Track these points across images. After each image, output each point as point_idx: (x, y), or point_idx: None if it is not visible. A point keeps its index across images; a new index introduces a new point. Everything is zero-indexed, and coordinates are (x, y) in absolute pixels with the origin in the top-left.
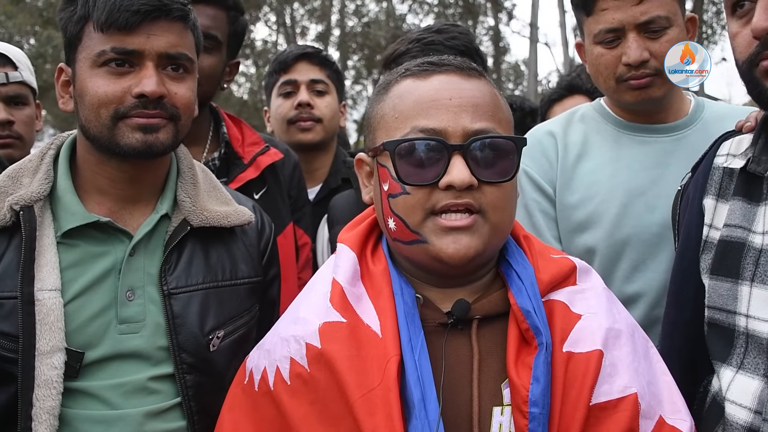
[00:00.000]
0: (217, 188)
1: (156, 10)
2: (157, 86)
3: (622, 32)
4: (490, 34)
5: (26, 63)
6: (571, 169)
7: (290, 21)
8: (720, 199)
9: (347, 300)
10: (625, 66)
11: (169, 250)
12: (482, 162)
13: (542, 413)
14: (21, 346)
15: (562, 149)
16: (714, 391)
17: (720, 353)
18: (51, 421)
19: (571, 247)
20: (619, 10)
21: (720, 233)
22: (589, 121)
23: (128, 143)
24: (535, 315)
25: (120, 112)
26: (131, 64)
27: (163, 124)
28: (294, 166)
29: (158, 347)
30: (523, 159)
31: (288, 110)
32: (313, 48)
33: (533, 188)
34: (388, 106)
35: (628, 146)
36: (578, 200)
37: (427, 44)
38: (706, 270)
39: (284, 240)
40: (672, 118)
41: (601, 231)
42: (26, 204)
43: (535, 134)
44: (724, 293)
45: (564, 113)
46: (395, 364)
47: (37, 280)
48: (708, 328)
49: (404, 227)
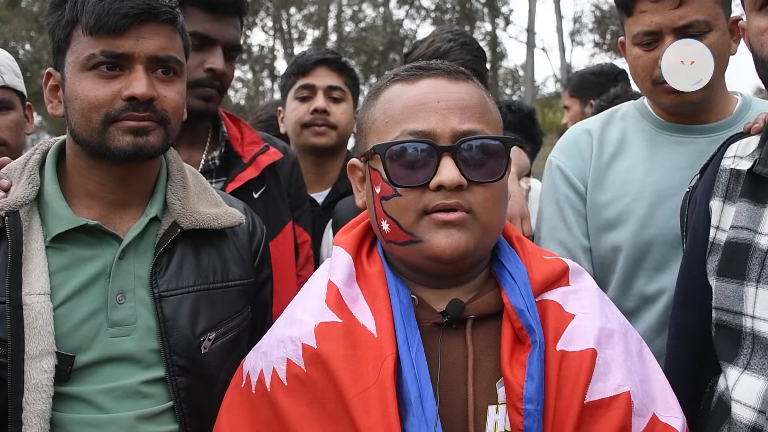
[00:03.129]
0: (207, 190)
1: (145, 13)
2: (147, 89)
3: (660, 35)
4: (487, 39)
5: (11, 66)
6: (604, 167)
7: (287, 26)
8: (727, 200)
9: (343, 301)
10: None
11: (159, 253)
12: (471, 162)
13: (537, 410)
14: (10, 350)
15: (597, 147)
16: (720, 390)
17: (727, 354)
18: (42, 425)
19: (598, 244)
20: (657, 13)
21: (727, 235)
22: (630, 119)
23: (119, 146)
24: (529, 314)
25: (110, 115)
26: (121, 67)
27: (153, 127)
28: (293, 164)
29: (149, 350)
30: (559, 155)
31: (303, 114)
32: (333, 54)
33: (566, 184)
34: (378, 110)
35: (664, 146)
36: (609, 199)
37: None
38: (713, 271)
39: (283, 238)
40: (714, 118)
41: (628, 230)
42: (11, 209)
43: (573, 131)
44: (730, 294)
45: (607, 111)
46: (391, 363)
47: (25, 284)
48: (715, 329)
49: (398, 228)
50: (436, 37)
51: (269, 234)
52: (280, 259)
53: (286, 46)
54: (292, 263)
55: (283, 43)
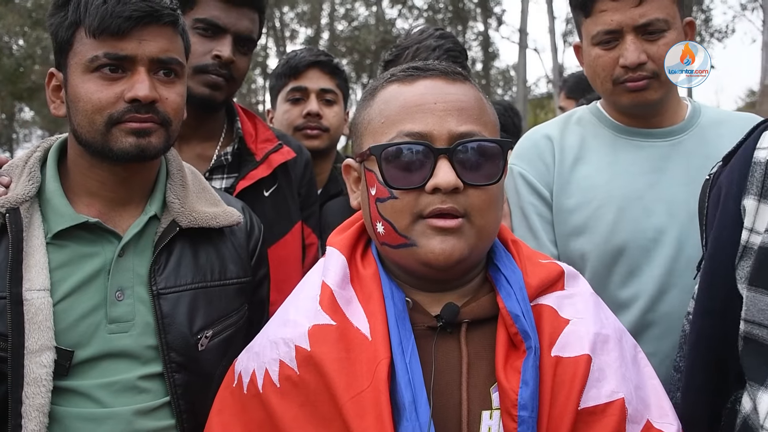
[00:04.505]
0: (205, 189)
1: (147, 16)
2: (150, 91)
3: (620, 34)
4: (480, 39)
5: None
6: (568, 172)
7: (279, 24)
8: (763, 199)
9: (337, 303)
10: (622, 68)
11: (158, 251)
12: (468, 165)
13: (531, 417)
14: (10, 344)
15: (558, 152)
16: (745, 412)
17: (756, 373)
18: (41, 419)
19: (567, 250)
20: (617, 12)
21: (762, 238)
22: (586, 124)
23: (121, 148)
24: (524, 319)
25: (114, 117)
26: (123, 69)
27: (155, 128)
28: (305, 164)
29: (147, 346)
30: (519, 162)
31: (296, 117)
32: (326, 55)
33: (530, 191)
34: (374, 111)
35: (625, 150)
36: (575, 204)
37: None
38: (744, 279)
39: (291, 238)
40: (668, 122)
41: (597, 236)
42: (12, 206)
43: (531, 137)
44: (764, 307)
45: (561, 116)
46: (385, 367)
47: (26, 280)
48: (744, 343)
49: (392, 231)
50: (419, 45)
51: (278, 233)
52: (287, 258)
53: (278, 44)
54: (298, 263)
55: (275, 41)
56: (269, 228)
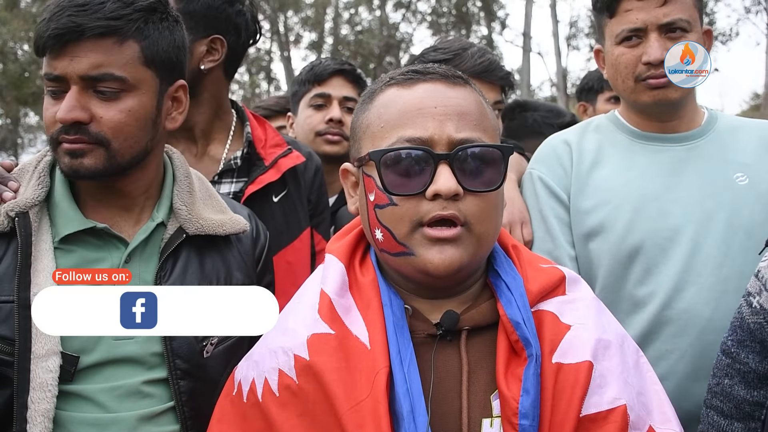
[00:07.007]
0: (212, 196)
1: (69, 32)
2: (67, 113)
3: (644, 32)
4: (483, 43)
5: None
6: (585, 175)
7: (284, 29)
8: None
9: (336, 311)
10: (644, 65)
11: (164, 257)
12: (468, 171)
13: (532, 425)
14: (17, 349)
15: (576, 157)
16: None
17: None
18: (45, 424)
19: (584, 251)
20: (642, 11)
21: None
22: (604, 131)
23: (62, 167)
24: (525, 326)
25: (53, 138)
26: (64, 89)
27: (89, 149)
28: (316, 170)
29: (152, 353)
30: (538, 166)
31: (318, 123)
32: (350, 65)
33: (548, 195)
34: (373, 115)
35: (642, 155)
36: (592, 206)
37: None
38: None
39: (300, 244)
40: (685, 127)
41: (614, 235)
42: (21, 210)
43: (550, 143)
44: None
45: (579, 124)
46: (384, 377)
47: (34, 284)
48: None
49: (391, 238)
50: (461, 57)
51: (286, 238)
52: (296, 264)
53: (282, 48)
54: (307, 269)
55: (279, 45)
56: (278, 233)
